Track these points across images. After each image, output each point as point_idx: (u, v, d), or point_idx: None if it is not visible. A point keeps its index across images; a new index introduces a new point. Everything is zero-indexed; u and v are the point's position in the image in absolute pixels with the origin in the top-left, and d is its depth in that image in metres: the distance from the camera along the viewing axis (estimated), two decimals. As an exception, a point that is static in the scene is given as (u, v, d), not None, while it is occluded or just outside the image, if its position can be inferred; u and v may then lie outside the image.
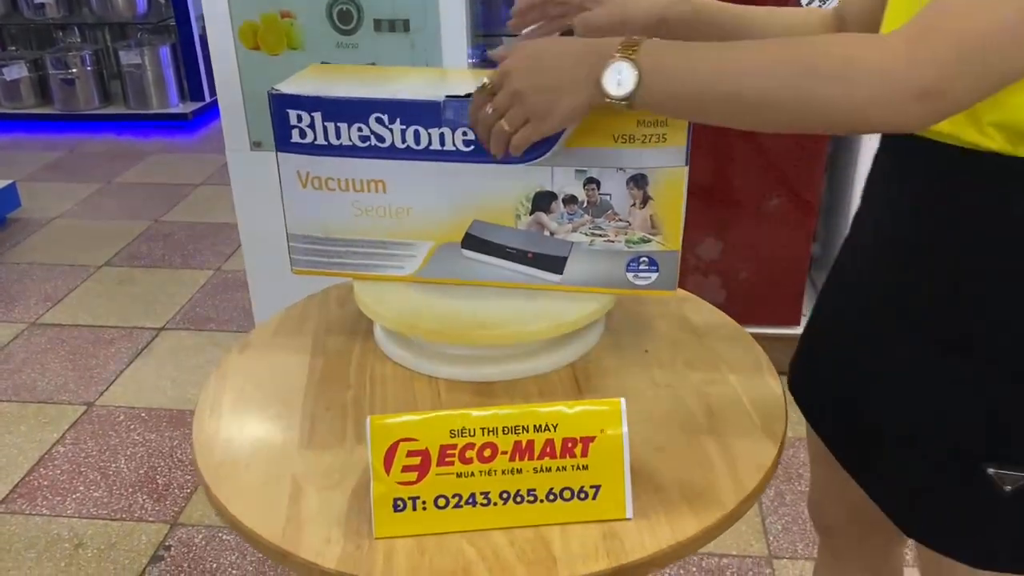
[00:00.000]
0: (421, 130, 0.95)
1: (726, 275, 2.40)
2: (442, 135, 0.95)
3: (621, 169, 0.96)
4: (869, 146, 2.20)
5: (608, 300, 1.03)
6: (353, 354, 1.06)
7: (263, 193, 2.35)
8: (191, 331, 2.84)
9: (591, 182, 0.97)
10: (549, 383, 0.99)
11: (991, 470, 0.80)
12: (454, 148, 0.96)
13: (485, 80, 0.86)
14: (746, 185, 2.32)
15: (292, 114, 0.97)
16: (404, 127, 0.96)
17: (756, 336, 1.03)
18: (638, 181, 0.96)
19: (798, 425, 1.06)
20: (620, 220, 0.99)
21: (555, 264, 1.02)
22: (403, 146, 0.97)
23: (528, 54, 0.84)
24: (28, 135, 4.79)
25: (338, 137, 0.97)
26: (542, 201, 0.99)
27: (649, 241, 1.00)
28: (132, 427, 2.36)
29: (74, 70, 4.74)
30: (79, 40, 4.99)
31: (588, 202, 0.98)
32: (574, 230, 1.00)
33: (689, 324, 1.11)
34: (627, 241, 1.00)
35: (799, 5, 2.14)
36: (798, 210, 2.32)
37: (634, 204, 0.98)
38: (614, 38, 0.81)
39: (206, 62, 4.61)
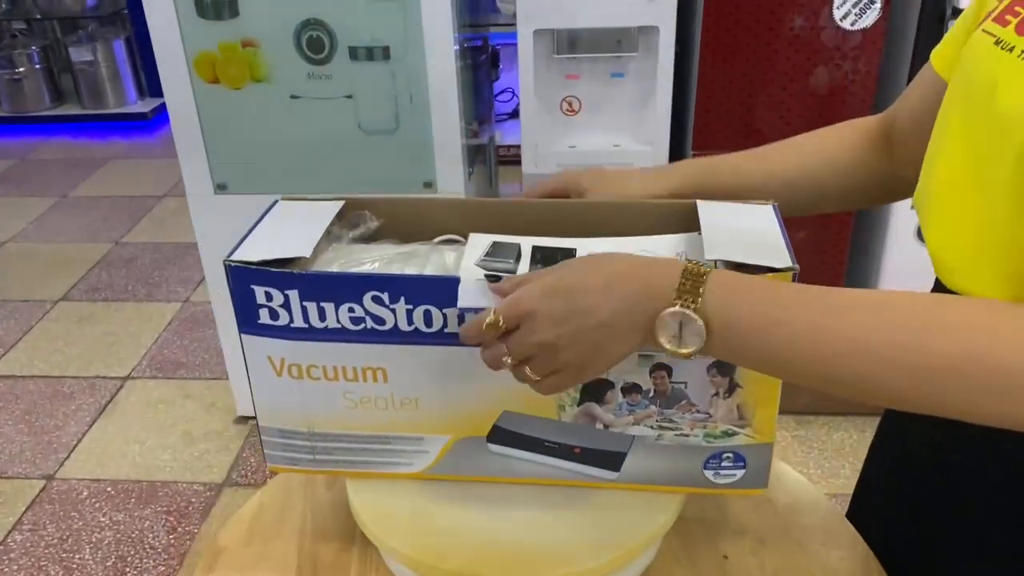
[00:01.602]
0: (433, 310, 0.71)
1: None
2: (461, 315, 0.71)
3: (701, 352, 0.72)
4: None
5: (681, 498, 0.80)
6: (351, 571, 0.82)
7: (230, 239, 2.10)
8: (159, 379, 2.59)
9: (660, 368, 0.73)
10: (607, 619, 0.76)
11: None
12: (478, 330, 0.71)
13: (494, 316, 0.64)
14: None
15: (259, 291, 0.72)
16: (410, 307, 0.71)
17: None
18: (723, 368, 0.73)
19: None
20: (698, 412, 0.75)
21: (610, 460, 0.78)
22: (409, 328, 0.72)
23: (553, 290, 0.63)
24: (-25, 142, 4.46)
25: (323, 319, 0.72)
26: (594, 391, 0.75)
27: (735, 434, 0.76)
28: (97, 505, 2.12)
29: (22, 69, 4.39)
30: (25, 32, 4.62)
31: (656, 391, 0.74)
32: (636, 423, 0.76)
33: (773, 505, 0.88)
34: (707, 435, 0.76)
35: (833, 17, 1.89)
36: (827, 243, 2.09)
37: (716, 393, 0.74)
38: (666, 266, 0.61)
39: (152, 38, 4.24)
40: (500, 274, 0.73)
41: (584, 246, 0.77)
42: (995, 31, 0.63)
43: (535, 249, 0.77)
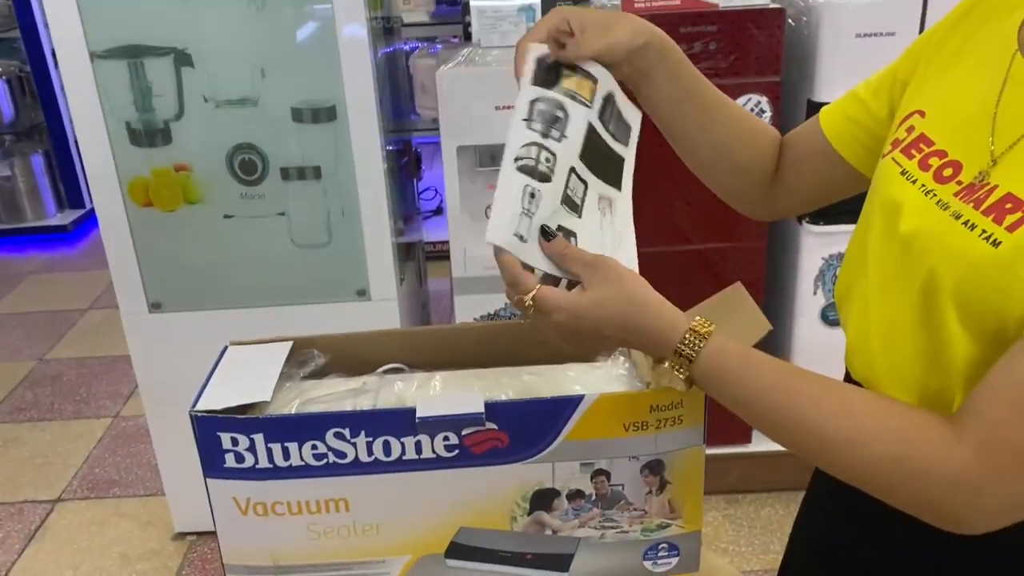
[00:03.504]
0: (392, 440, 0.78)
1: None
2: (418, 443, 0.78)
3: (634, 457, 0.81)
4: (808, 272, 2.14)
5: (624, 595, 0.87)
6: None
7: (166, 356, 2.12)
8: (92, 500, 2.53)
9: (600, 474, 0.81)
10: None
11: None
12: (434, 455, 0.79)
13: (530, 300, 0.73)
14: (688, 302, 2.22)
15: (225, 438, 0.77)
16: (370, 439, 0.78)
17: (709, 457, 0.86)
18: (654, 468, 0.82)
19: None
20: (635, 509, 0.83)
21: (560, 562, 0.85)
22: (369, 459, 0.78)
23: (577, 321, 0.73)
24: None
25: (287, 458, 0.78)
26: (542, 500, 0.82)
27: (668, 526, 0.85)
28: (31, 639, 2.05)
29: (-65, 186, 4.32)
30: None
31: (597, 495, 0.82)
32: (581, 525, 0.84)
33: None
34: (643, 529, 0.85)
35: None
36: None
37: (650, 491, 0.83)
38: (672, 328, 0.73)
39: (85, 167, 4.22)
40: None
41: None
42: (902, 162, 0.76)
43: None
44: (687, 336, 0.72)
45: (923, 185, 0.72)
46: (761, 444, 2.24)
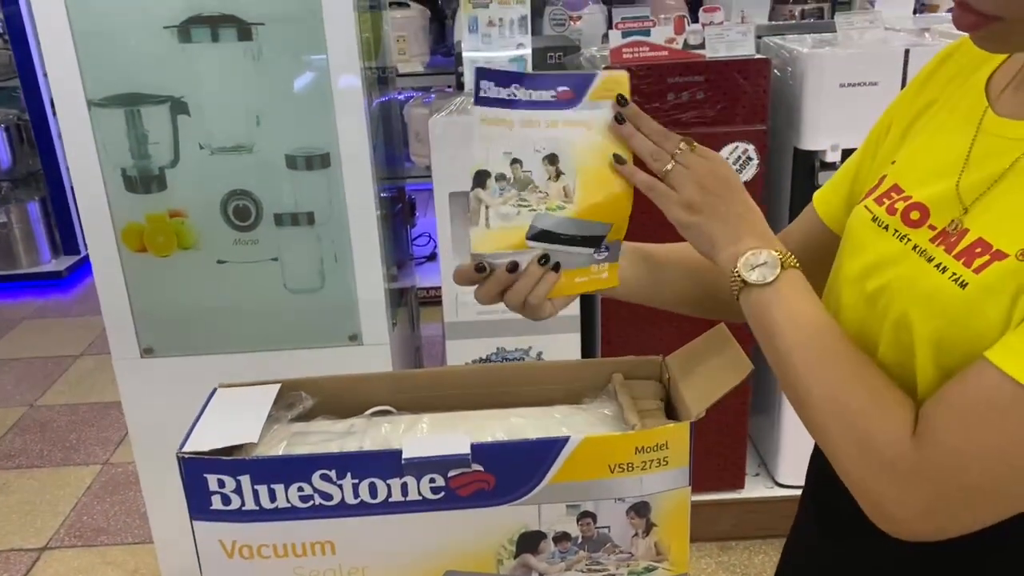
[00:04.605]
0: (378, 482, 0.78)
1: (668, 440, 2.28)
2: (404, 485, 0.78)
3: (620, 499, 0.81)
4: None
5: (611, 638, 0.86)
6: None
7: (158, 402, 2.11)
8: (79, 548, 2.50)
9: (586, 516, 0.81)
10: None
11: None
12: (420, 497, 0.79)
13: (687, 145, 0.81)
14: (675, 344, 2.23)
15: (212, 479, 0.77)
16: (356, 481, 0.78)
17: (701, 504, 0.86)
18: (640, 510, 0.82)
19: None
20: (622, 552, 0.83)
21: (546, 607, 0.85)
22: (355, 502, 0.79)
23: (702, 194, 0.81)
24: None
25: (272, 500, 0.78)
26: (528, 543, 0.82)
27: (655, 569, 0.85)
28: None
29: (-69, 232, 4.34)
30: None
31: (583, 537, 0.82)
32: (568, 568, 0.84)
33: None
34: (630, 572, 0.84)
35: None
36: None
37: (636, 534, 0.83)
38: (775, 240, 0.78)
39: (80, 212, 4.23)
40: None
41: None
42: (873, 209, 0.78)
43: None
44: (785, 252, 0.76)
45: (896, 231, 0.74)
46: (754, 491, 2.24)
